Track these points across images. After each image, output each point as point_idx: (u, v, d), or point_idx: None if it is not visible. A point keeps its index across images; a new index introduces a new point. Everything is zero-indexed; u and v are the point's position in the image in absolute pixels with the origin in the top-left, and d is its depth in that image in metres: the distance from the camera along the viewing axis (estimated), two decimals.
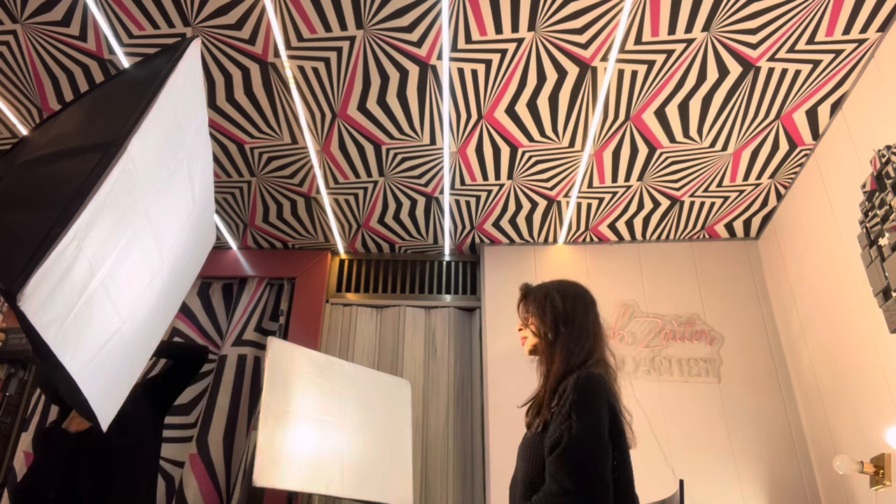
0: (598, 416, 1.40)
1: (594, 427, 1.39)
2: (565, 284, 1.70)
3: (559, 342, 1.58)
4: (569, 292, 1.66)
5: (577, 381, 1.45)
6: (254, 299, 3.39)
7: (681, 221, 3.20)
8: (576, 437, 1.37)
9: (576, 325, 1.59)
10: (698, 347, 3.05)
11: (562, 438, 1.39)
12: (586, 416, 1.39)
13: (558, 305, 1.62)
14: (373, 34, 2.26)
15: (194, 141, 1.72)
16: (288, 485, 2.32)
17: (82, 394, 1.35)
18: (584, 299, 1.66)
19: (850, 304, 2.43)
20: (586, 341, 1.57)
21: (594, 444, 1.37)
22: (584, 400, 1.42)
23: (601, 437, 1.38)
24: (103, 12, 2.22)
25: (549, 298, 1.65)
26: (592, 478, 1.34)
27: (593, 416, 1.40)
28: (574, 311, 1.62)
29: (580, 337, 1.57)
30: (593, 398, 1.42)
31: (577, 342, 1.57)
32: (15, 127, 2.74)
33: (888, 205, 2.12)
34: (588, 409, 1.40)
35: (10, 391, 1.85)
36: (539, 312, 1.65)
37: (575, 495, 1.32)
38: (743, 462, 2.79)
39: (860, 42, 2.26)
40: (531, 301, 1.69)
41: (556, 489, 1.35)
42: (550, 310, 1.63)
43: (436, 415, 3.11)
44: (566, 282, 1.71)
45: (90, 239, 1.26)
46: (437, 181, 2.97)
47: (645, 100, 2.50)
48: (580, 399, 1.42)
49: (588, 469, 1.35)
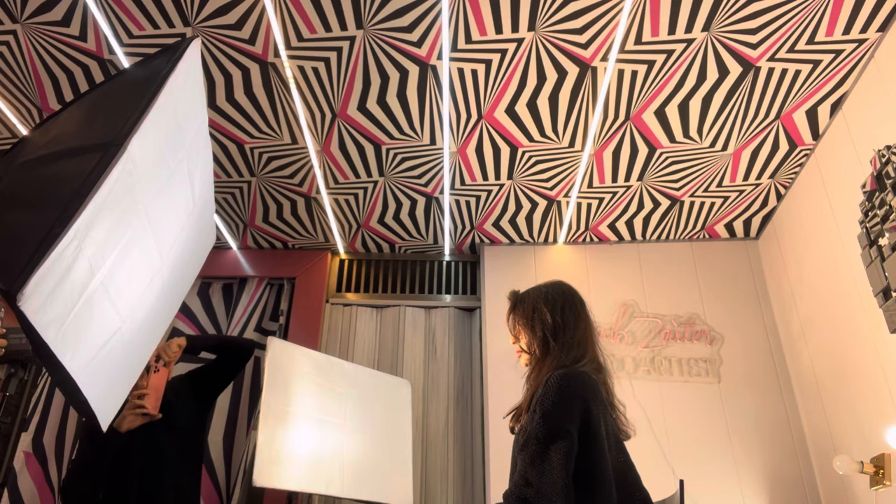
0: (564, 409, 1.42)
1: (557, 419, 1.40)
2: (553, 293, 1.66)
3: (550, 356, 1.57)
4: (557, 302, 1.63)
5: (549, 377, 1.47)
6: (254, 299, 3.39)
7: (681, 221, 3.20)
8: (537, 428, 1.41)
9: (566, 336, 1.58)
10: (698, 347, 3.05)
11: (527, 431, 1.44)
12: (550, 408, 1.42)
13: (547, 319, 1.60)
14: (373, 34, 2.26)
15: (194, 141, 1.72)
16: (288, 485, 2.32)
17: (82, 394, 1.35)
18: (574, 306, 1.64)
19: (850, 304, 2.43)
20: (578, 350, 1.57)
21: (553, 436, 1.39)
22: (551, 393, 1.44)
23: (562, 428, 1.39)
24: (103, 12, 2.22)
25: (537, 312, 1.63)
26: (551, 469, 1.36)
27: (558, 409, 1.41)
28: (564, 323, 1.60)
29: (571, 347, 1.57)
30: (561, 393, 1.43)
31: (569, 352, 1.56)
32: (15, 127, 2.74)
33: (888, 205, 2.12)
34: (554, 404, 1.42)
35: (10, 391, 1.85)
36: (528, 327, 1.64)
37: (534, 486, 1.36)
38: (743, 462, 2.79)
39: (860, 42, 2.26)
40: (519, 315, 1.67)
41: (520, 480, 1.40)
42: (540, 325, 1.61)
43: (436, 415, 3.11)
44: (553, 289, 1.68)
45: (90, 239, 1.26)
46: (437, 181, 2.97)
47: (645, 100, 2.50)
48: (546, 393, 1.44)
49: (547, 461, 1.37)
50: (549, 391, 1.44)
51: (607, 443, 1.44)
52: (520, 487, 1.38)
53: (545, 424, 1.40)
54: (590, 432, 1.42)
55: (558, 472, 1.36)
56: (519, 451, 1.45)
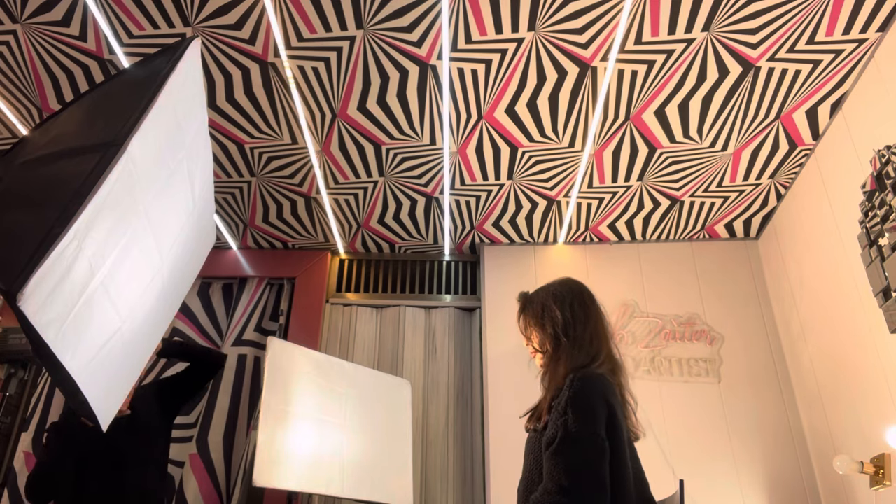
0: (593, 413, 1.39)
1: (589, 424, 1.37)
2: (562, 290, 1.65)
3: (562, 352, 1.56)
4: (566, 299, 1.63)
5: (573, 379, 1.44)
6: (254, 299, 3.39)
7: (681, 221, 3.20)
8: (571, 433, 1.36)
9: (577, 332, 1.57)
10: (698, 347, 3.05)
11: (556, 435, 1.38)
12: (581, 412, 1.38)
13: (557, 317, 1.59)
14: (373, 34, 2.26)
15: (194, 141, 1.72)
16: (288, 485, 2.32)
17: (82, 394, 1.35)
18: (584, 303, 1.63)
19: (850, 304, 2.43)
20: (590, 346, 1.55)
21: (590, 441, 1.36)
22: (580, 397, 1.41)
23: (596, 433, 1.37)
24: (103, 12, 2.22)
25: (546, 311, 1.62)
26: (588, 475, 1.33)
27: (588, 413, 1.38)
28: (574, 319, 1.59)
29: (583, 343, 1.56)
30: (589, 395, 1.41)
31: (581, 348, 1.55)
32: (15, 127, 2.74)
33: (888, 205, 2.12)
34: (583, 406, 1.39)
35: (10, 391, 1.85)
36: (539, 326, 1.63)
37: (570, 493, 1.31)
38: (743, 462, 2.79)
39: (860, 42, 2.26)
40: (530, 315, 1.66)
41: (553, 487, 1.34)
42: (550, 322, 1.60)
43: (436, 415, 3.11)
44: (562, 286, 1.67)
45: (90, 239, 1.26)
46: (437, 181, 2.97)
47: (645, 100, 2.50)
48: (575, 396, 1.41)
49: (583, 466, 1.34)
50: (577, 396, 1.40)
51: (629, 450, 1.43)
52: (553, 495, 1.33)
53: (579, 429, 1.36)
54: (614, 436, 1.40)
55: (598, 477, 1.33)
56: (548, 457, 1.39)
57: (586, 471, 1.33)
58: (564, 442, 1.36)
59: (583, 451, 1.35)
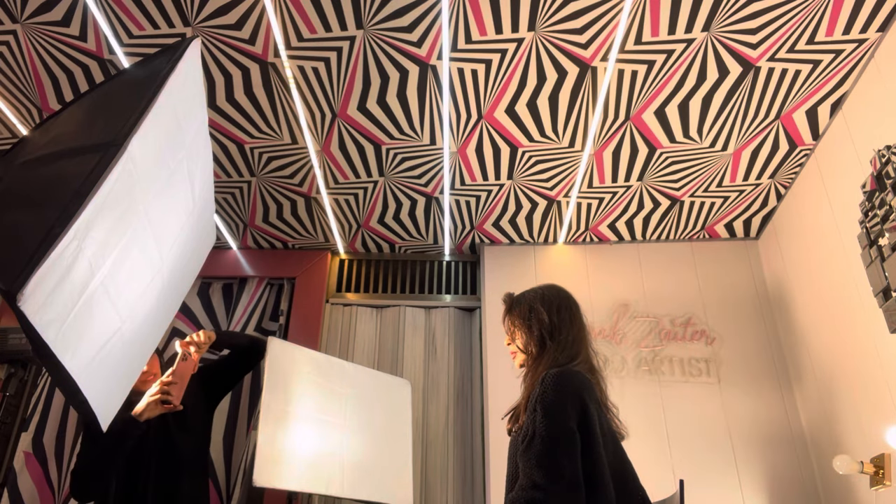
0: (562, 408, 1.40)
1: (558, 418, 1.39)
2: (549, 294, 1.69)
3: (546, 354, 1.59)
4: (553, 302, 1.66)
5: (544, 377, 1.46)
6: (254, 299, 3.39)
7: (681, 221, 3.20)
8: (540, 428, 1.38)
9: (562, 336, 1.60)
10: (698, 347, 3.05)
11: (527, 431, 1.41)
12: (550, 407, 1.40)
13: (544, 319, 1.63)
14: (373, 34, 2.26)
15: (194, 141, 1.72)
16: (288, 485, 2.32)
17: (82, 394, 1.35)
18: (570, 308, 1.67)
19: (850, 304, 2.43)
20: (572, 349, 1.59)
21: (559, 435, 1.37)
22: (549, 392, 1.42)
23: (566, 427, 1.38)
24: (103, 12, 2.22)
25: (533, 312, 1.65)
26: (558, 468, 1.34)
27: (558, 408, 1.40)
28: (560, 323, 1.62)
29: (566, 347, 1.59)
30: (559, 390, 1.42)
31: (564, 352, 1.58)
32: (15, 127, 2.74)
33: (888, 205, 2.12)
34: (552, 401, 1.41)
35: (10, 391, 1.84)
36: (525, 326, 1.65)
37: (542, 488, 1.32)
38: (743, 462, 2.79)
39: (860, 42, 2.26)
40: (516, 315, 1.69)
41: (526, 483, 1.36)
42: (537, 324, 1.63)
43: (436, 415, 3.11)
44: (549, 290, 1.71)
45: (90, 239, 1.25)
46: (437, 181, 2.97)
47: (645, 100, 2.50)
48: (545, 392, 1.43)
49: (554, 460, 1.35)
50: (548, 390, 1.43)
51: (604, 441, 1.44)
52: (527, 490, 1.34)
53: (548, 423, 1.38)
54: (588, 431, 1.40)
55: (569, 470, 1.34)
56: (521, 454, 1.41)
57: (557, 464, 1.34)
58: (535, 437, 1.39)
59: (552, 445, 1.36)
